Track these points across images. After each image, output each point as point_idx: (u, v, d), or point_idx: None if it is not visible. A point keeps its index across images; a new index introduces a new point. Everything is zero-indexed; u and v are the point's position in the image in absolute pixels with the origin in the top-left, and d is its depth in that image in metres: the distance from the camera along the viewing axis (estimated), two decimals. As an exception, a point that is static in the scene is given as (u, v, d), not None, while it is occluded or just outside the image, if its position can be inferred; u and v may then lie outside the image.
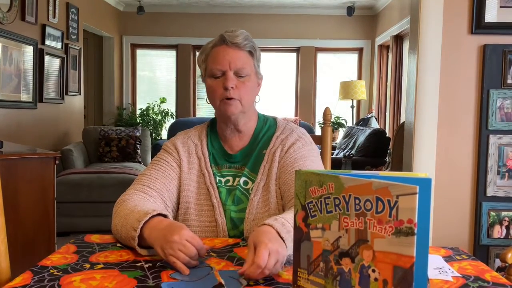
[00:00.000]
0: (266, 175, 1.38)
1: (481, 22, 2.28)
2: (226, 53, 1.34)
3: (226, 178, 1.41)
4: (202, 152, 1.43)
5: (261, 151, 1.42)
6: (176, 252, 1.01)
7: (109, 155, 5.27)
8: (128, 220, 1.18)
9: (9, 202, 1.57)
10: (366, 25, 7.21)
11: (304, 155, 1.38)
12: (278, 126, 1.46)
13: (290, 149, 1.39)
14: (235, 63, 1.33)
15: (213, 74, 1.35)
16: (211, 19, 7.20)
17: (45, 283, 0.94)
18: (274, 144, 1.41)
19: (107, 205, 4.04)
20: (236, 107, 1.34)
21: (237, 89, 1.33)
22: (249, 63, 1.36)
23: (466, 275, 1.03)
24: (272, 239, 0.98)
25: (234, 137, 1.43)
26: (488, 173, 2.32)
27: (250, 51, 1.37)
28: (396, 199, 0.69)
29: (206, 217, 1.37)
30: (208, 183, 1.38)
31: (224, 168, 1.42)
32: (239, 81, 1.34)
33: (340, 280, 0.79)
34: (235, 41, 1.35)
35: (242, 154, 1.43)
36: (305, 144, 1.41)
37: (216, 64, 1.34)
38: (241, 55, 1.35)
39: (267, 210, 1.34)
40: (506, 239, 2.34)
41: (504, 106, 2.30)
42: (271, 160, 1.39)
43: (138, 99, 7.54)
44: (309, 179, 0.83)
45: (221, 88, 1.33)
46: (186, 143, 1.45)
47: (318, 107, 7.47)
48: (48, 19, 4.79)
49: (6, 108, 4.09)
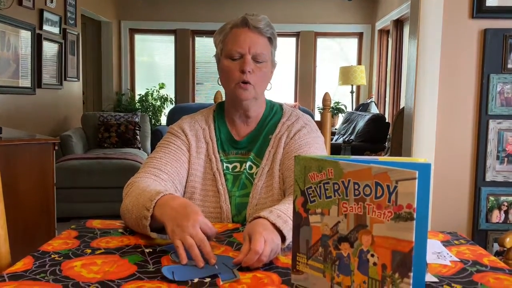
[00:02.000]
0: (271, 160, 1.38)
1: (482, 6, 2.26)
2: (247, 36, 1.32)
3: (234, 164, 1.41)
4: (210, 136, 1.42)
5: (267, 136, 1.42)
6: (186, 237, 0.97)
7: (108, 141, 5.27)
8: (140, 199, 1.14)
9: (8, 188, 1.57)
10: (366, 9, 7.16)
11: (309, 142, 1.38)
12: (285, 112, 1.46)
13: (295, 136, 1.39)
14: (255, 47, 1.32)
15: (231, 56, 1.33)
16: (210, 3, 7.14)
17: (46, 268, 0.94)
18: (280, 130, 1.41)
19: (107, 190, 4.10)
20: (250, 92, 1.33)
21: (253, 73, 1.32)
22: (267, 49, 1.35)
23: (464, 259, 1.03)
24: (267, 229, 0.98)
25: (242, 123, 1.43)
26: (488, 158, 2.32)
27: (270, 37, 1.36)
28: (396, 184, 0.70)
29: (210, 203, 1.36)
30: (214, 169, 1.38)
31: (231, 154, 1.42)
32: (256, 66, 1.33)
33: (339, 265, 0.79)
34: (258, 25, 1.33)
35: (248, 139, 1.43)
36: (311, 131, 1.42)
37: (236, 46, 1.32)
38: (261, 40, 1.34)
39: (271, 195, 1.34)
40: (504, 224, 2.35)
41: (504, 91, 2.29)
42: (277, 146, 1.39)
43: (137, 84, 7.51)
44: (308, 164, 0.83)
45: (238, 71, 1.32)
46: (193, 127, 1.43)
47: (318, 92, 7.45)
48: (46, 4, 4.75)
49: (5, 94, 4.07)
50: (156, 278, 0.90)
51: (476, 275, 0.94)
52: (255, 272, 0.93)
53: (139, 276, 0.91)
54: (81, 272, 0.92)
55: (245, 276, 0.91)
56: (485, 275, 0.95)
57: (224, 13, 7.09)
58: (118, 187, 4.66)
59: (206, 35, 7.38)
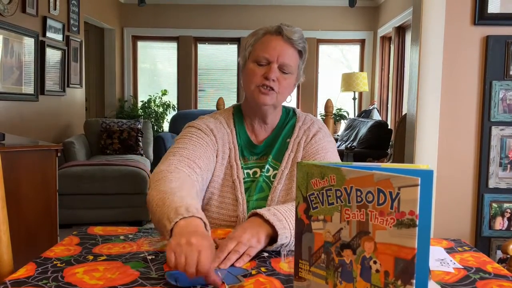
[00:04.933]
0: (291, 163, 1.38)
1: (484, 13, 2.27)
2: (278, 44, 1.32)
3: (254, 170, 1.40)
4: (233, 142, 1.40)
5: (284, 140, 1.42)
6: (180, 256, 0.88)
7: (111, 147, 5.27)
8: (165, 207, 1.02)
9: (11, 194, 1.57)
10: (368, 16, 7.18)
11: (325, 147, 1.39)
12: (298, 116, 1.47)
13: (312, 140, 1.40)
14: (284, 57, 1.31)
15: (258, 60, 1.32)
16: (213, 11, 7.17)
17: (49, 274, 0.94)
18: (298, 134, 1.42)
19: (109, 197, 4.10)
20: (272, 98, 1.32)
21: (277, 82, 1.31)
22: (296, 61, 1.36)
23: (468, 266, 1.03)
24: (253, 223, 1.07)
25: (260, 128, 1.43)
26: (490, 164, 2.32)
27: (300, 51, 1.37)
28: (398, 191, 0.69)
29: (227, 211, 1.34)
30: (235, 176, 1.36)
31: (251, 160, 1.41)
32: (281, 76, 1.32)
33: (341, 272, 0.79)
34: (292, 36, 1.32)
35: (266, 144, 1.43)
36: (326, 135, 1.44)
37: (265, 52, 1.31)
38: (291, 51, 1.34)
39: (289, 198, 1.34)
40: (507, 231, 2.34)
41: (506, 97, 2.29)
42: (296, 149, 1.40)
43: (139, 91, 7.52)
44: (310, 171, 0.83)
45: (261, 76, 1.31)
46: (220, 129, 1.39)
47: (320, 99, 7.45)
48: (49, 11, 4.78)
49: (8, 101, 4.09)
50: (158, 284, 0.90)
51: (479, 282, 0.94)
52: (258, 277, 0.93)
53: (141, 283, 0.91)
54: (83, 279, 0.92)
55: (248, 281, 0.91)
56: (489, 282, 0.94)
57: (227, 20, 7.12)
58: (120, 193, 4.64)
59: (209, 42, 7.41)
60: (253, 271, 0.96)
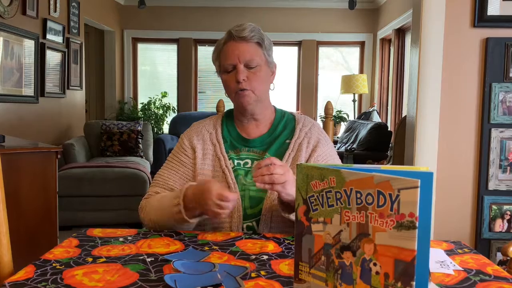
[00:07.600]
0: (291, 162, 1.43)
1: (484, 15, 2.27)
2: (235, 47, 1.41)
3: (245, 161, 1.46)
4: (217, 139, 1.49)
5: (284, 141, 1.48)
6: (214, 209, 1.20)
7: (111, 149, 5.27)
8: (165, 205, 1.31)
9: (11, 196, 1.57)
10: (368, 18, 7.18)
11: (331, 154, 1.48)
12: (298, 119, 1.53)
13: (317, 148, 1.46)
14: (244, 56, 1.39)
15: (226, 69, 1.42)
16: (213, 12, 7.18)
17: (48, 276, 0.94)
18: (299, 135, 1.48)
19: (109, 199, 4.10)
20: (250, 97, 1.41)
21: (248, 80, 1.40)
22: (257, 54, 1.42)
23: (468, 268, 1.03)
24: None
25: (251, 125, 1.51)
26: (490, 167, 2.32)
27: (258, 42, 1.43)
28: (398, 193, 0.69)
29: None
30: (223, 166, 1.43)
31: (243, 151, 1.48)
32: (250, 72, 1.40)
33: (341, 274, 0.79)
34: (242, 35, 1.40)
35: (262, 140, 1.49)
36: (328, 141, 1.51)
37: (227, 59, 1.41)
38: (248, 47, 1.41)
39: None
40: (507, 233, 2.34)
41: (506, 99, 2.29)
42: (297, 150, 1.45)
43: (139, 93, 7.53)
44: (310, 173, 0.83)
45: (234, 82, 1.41)
46: (200, 133, 1.52)
47: (320, 101, 7.45)
48: (49, 13, 4.78)
49: (8, 103, 4.09)
50: (158, 286, 0.90)
51: (479, 284, 0.94)
52: (258, 280, 0.93)
53: (141, 285, 0.91)
54: (82, 281, 0.92)
55: (248, 284, 0.91)
56: (489, 284, 0.94)
57: (227, 22, 7.12)
58: (120, 195, 4.64)
59: (209, 44, 7.41)
60: (253, 274, 0.96)
